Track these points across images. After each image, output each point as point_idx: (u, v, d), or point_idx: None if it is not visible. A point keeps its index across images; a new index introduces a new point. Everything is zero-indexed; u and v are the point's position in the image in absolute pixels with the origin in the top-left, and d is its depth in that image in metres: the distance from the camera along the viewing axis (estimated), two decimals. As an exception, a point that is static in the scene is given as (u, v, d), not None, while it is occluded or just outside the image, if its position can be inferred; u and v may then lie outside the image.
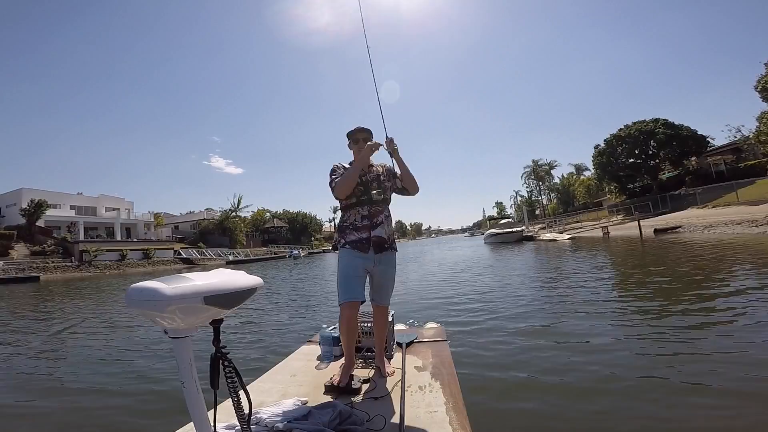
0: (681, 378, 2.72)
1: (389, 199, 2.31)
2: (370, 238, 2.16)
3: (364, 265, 2.15)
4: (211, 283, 0.97)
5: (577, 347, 3.61)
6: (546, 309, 5.38)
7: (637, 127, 35.38)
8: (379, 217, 2.22)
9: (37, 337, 6.18)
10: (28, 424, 2.88)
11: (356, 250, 2.16)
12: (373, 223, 2.19)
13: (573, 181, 60.10)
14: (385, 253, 2.22)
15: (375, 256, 2.17)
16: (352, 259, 2.15)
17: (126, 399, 3.17)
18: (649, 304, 5.02)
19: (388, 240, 2.23)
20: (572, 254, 14.43)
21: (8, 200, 38.72)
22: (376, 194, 2.21)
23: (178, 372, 1.00)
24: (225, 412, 1.40)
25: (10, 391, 3.59)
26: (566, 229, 31.44)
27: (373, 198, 2.20)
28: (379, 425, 1.56)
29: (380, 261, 2.20)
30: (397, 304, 6.39)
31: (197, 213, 61.61)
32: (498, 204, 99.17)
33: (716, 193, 25.27)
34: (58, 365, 4.40)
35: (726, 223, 16.44)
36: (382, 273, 2.23)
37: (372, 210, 2.21)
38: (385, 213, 2.26)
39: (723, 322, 3.95)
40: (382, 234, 2.19)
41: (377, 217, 2.21)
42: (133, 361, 4.28)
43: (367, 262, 2.16)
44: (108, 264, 33.78)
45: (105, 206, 46.65)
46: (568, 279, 8.22)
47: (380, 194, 2.23)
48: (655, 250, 12.58)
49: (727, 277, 6.37)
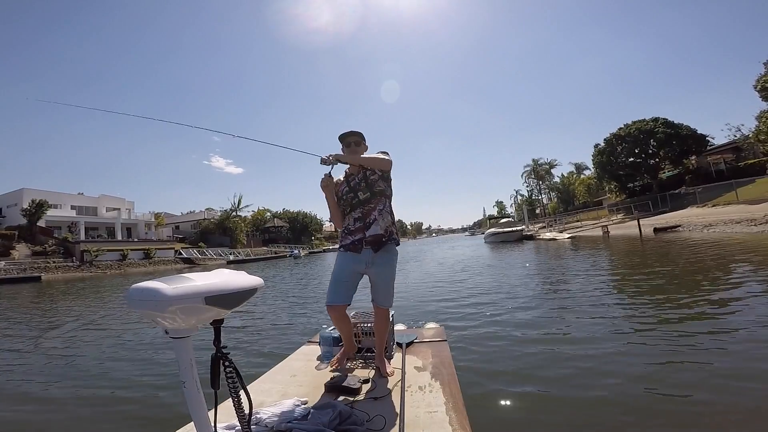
0: (666, 383, 2.74)
1: (381, 191, 2.26)
2: (363, 239, 2.19)
3: (355, 269, 2.23)
4: (212, 283, 0.97)
5: (576, 348, 3.63)
6: (545, 309, 5.42)
7: (637, 126, 35.35)
8: (372, 215, 2.22)
9: (35, 337, 6.22)
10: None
11: (349, 252, 2.23)
12: (367, 223, 2.21)
13: (573, 180, 60.05)
14: (382, 251, 2.21)
15: (370, 257, 2.20)
16: (343, 263, 2.25)
17: (128, 393, 3.20)
18: (647, 303, 5.06)
19: (385, 234, 2.21)
20: (572, 253, 14.46)
21: (9, 200, 38.77)
22: (362, 194, 2.24)
23: (178, 372, 1.00)
24: (224, 412, 1.40)
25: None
26: (566, 228, 31.46)
27: (360, 199, 2.24)
28: (379, 425, 1.57)
29: (374, 262, 2.21)
30: (397, 304, 6.44)
31: (197, 213, 61.62)
32: (498, 203, 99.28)
33: (716, 192, 25.28)
34: (58, 365, 4.43)
35: (725, 222, 16.46)
36: (378, 273, 2.23)
37: (364, 210, 2.23)
38: (378, 208, 2.23)
39: (722, 325, 3.88)
40: (377, 231, 2.19)
41: (370, 216, 2.22)
42: (132, 360, 4.32)
43: (358, 265, 2.21)
44: (109, 264, 33.84)
45: (106, 206, 46.69)
46: (568, 278, 8.25)
47: (365, 192, 2.23)
48: (654, 248, 12.61)
49: (724, 275, 6.41)
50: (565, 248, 17.32)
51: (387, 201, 2.29)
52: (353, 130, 2.33)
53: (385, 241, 2.21)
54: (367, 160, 2.22)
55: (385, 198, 2.28)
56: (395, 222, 2.34)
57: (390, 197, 2.33)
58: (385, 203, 2.28)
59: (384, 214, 2.25)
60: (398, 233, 2.33)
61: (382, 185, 2.26)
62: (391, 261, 2.26)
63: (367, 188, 2.23)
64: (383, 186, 2.27)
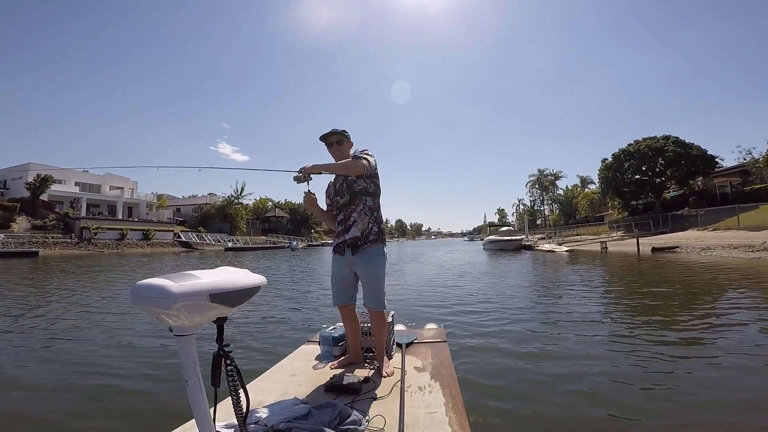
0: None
1: (362, 189, 2.25)
2: (345, 242, 2.26)
3: (343, 270, 2.30)
4: (217, 281, 0.97)
5: (574, 352, 3.80)
6: (540, 314, 5.64)
7: (647, 143, 35.13)
8: (352, 217, 2.25)
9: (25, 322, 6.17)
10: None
11: (336, 254, 2.32)
12: (347, 226, 2.26)
13: (577, 194, 59.98)
14: (362, 252, 2.22)
15: (351, 258, 2.25)
16: (334, 265, 2.35)
17: (126, 384, 3.16)
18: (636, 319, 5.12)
19: (362, 237, 2.22)
20: (568, 266, 14.48)
21: (14, 173, 38.95)
22: (340, 198, 2.30)
23: (181, 370, 0.99)
24: (223, 411, 1.42)
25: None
26: (565, 241, 31.41)
27: (341, 203, 2.30)
28: (378, 425, 1.56)
29: (356, 262, 2.24)
30: (396, 303, 6.47)
31: (200, 197, 61.81)
32: (500, 211, 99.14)
33: (718, 216, 25.18)
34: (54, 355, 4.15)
35: (723, 246, 16.45)
36: (362, 274, 2.26)
37: (346, 213, 2.28)
38: (358, 209, 2.25)
39: (710, 351, 3.85)
40: (355, 233, 2.23)
41: (350, 218, 2.26)
42: (126, 347, 4.28)
43: (345, 266, 2.28)
44: (107, 243, 33.99)
45: (110, 185, 46.88)
46: (561, 289, 8.35)
47: (343, 196, 2.28)
48: (650, 268, 12.63)
49: (716, 299, 6.51)
50: (562, 260, 17.34)
51: (369, 199, 2.27)
52: (335, 129, 2.32)
53: (361, 245, 2.22)
54: (336, 168, 2.23)
55: (367, 196, 2.27)
56: (380, 220, 2.32)
57: (374, 194, 2.31)
58: (366, 202, 2.26)
59: (363, 215, 2.24)
60: (382, 230, 2.31)
61: (363, 184, 2.26)
62: (371, 261, 2.24)
63: (347, 191, 2.26)
64: (364, 184, 2.27)
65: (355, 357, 2.36)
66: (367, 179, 2.26)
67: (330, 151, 2.36)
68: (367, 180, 2.26)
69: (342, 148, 2.33)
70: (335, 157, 2.32)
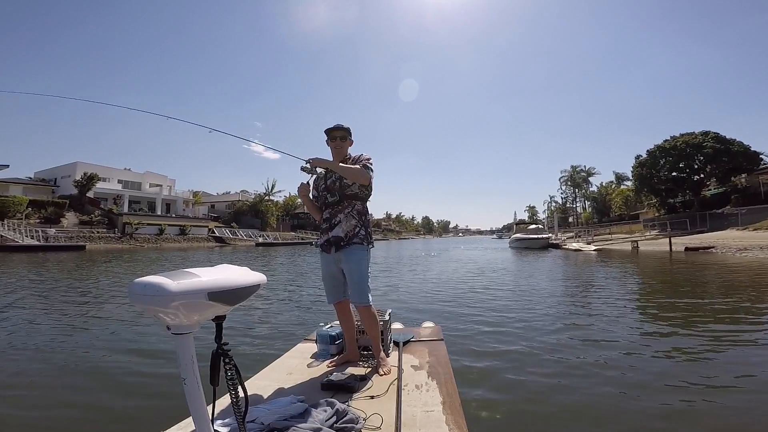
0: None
1: (354, 194, 2.31)
2: (329, 240, 2.30)
3: (330, 267, 2.35)
4: (216, 279, 0.96)
5: (574, 352, 3.81)
6: (543, 314, 5.56)
7: (684, 140, 33.61)
8: (339, 216, 2.30)
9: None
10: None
11: (323, 253, 2.36)
12: (332, 224, 2.30)
13: (611, 191, 57.85)
14: (345, 251, 2.27)
15: (335, 255, 2.29)
16: (321, 262, 2.41)
17: (124, 380, 3.20)
18: (641, 324, 5.12)
19: (344, 238, 2.26)
20: (591, 265, 14.20)
21: (64, 172, 41.98)
22: (330, 197, 2.34)
23: (179, 368, 0.98)
24: (220, 409, 1.45)
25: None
26: (594, 239, 30.50)
27: (329, 201, 2.34)
28: (375, 424, 1.56)
29: (340, 258, 2.28)
30: (397, 303, 6.68)
31: (233, 194, 64.34)
32: (530, 208, 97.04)
33: (762, 215, 23.80)
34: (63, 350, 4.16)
35: (762, 246, 15.62)
36: (346, 269, 2.29)
37: (332, 211, 2.33)
38: (346, 210, 2.30)
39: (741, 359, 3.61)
40: (339, 233, 2.27)
41: (336, 217, 2.30)
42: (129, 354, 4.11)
43: (331, 264, 2.33)
44: (147, 237, 36.11)
45: (149, 182, 49.60)
46: (573, 288, 8.30)
47: (334, 196, 2.32)
48: (681, 268, 12.25)
49: (749, 303, 6.15)
50: (588, 260, 16.96)
51: (358, 203, 2.34)
52: (340, 124, 2.38)
53: (344, 245, 2.26)
54: (346, 171, 2.27)
55: (356, 201, 2.33)
56: (368, 223, 2.38)
57: (364, 199, 2.37)
58: (354, 206, 2.32)
59: (350, 216, 2.30)
60: (369, 233, 2.36)
61: (356, 189, 2.31)
62: (354, 259, 2.27)
63: (339, 191, 2.31)
64: (357, 190, 2.32)
65: (351, 355, 2.36)
66: (364, 186, 2.33)
67: (330, 145, 2.38)
68: (363, 187, 2.33)
69: (343, 145, 2.38)
70: (334, 151, 2.37)
